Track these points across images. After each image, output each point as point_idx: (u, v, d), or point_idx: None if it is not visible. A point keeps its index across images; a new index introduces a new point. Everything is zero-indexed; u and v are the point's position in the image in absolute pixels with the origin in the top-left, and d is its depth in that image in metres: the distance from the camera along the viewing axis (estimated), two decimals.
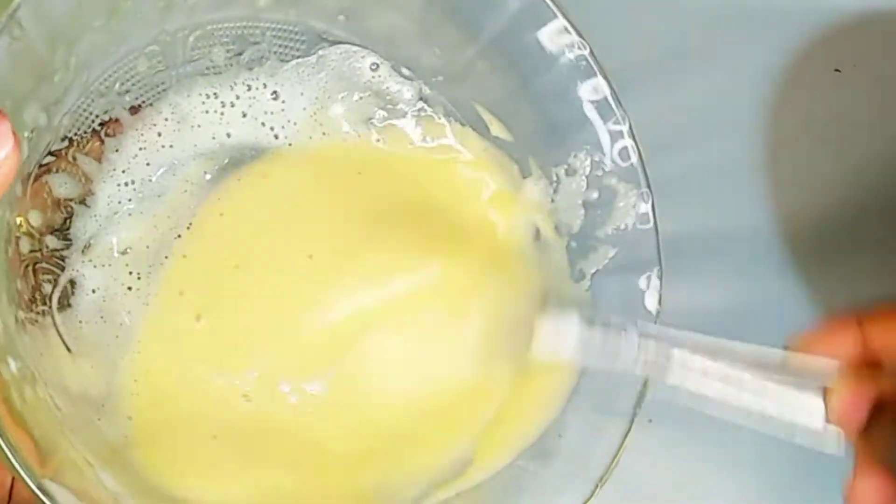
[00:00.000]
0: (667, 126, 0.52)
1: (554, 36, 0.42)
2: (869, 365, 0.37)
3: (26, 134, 0.36)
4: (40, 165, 0.38)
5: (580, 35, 0.42)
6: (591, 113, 0.43)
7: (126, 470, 0.37)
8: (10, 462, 0.30)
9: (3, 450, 0.30)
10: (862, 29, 0.59)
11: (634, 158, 0.43)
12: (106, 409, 0.39)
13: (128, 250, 0.42)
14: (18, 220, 0.37)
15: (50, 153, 0.39)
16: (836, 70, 0.59)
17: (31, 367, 0.35)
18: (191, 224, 0.42)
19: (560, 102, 0.43)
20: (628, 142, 0.43)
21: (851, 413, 0.37)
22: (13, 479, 0.36)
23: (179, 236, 0.43)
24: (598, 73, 0.42)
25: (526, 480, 0.42)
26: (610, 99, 0.42)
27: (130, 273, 0.42)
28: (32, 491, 0.31)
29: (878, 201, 0.56)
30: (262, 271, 0.43)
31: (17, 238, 0.37)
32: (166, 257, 0.42)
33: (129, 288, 0.41)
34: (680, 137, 0.54)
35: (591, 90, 0.43)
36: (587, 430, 0.41)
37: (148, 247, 0.42)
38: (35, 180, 0.38)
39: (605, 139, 0.43)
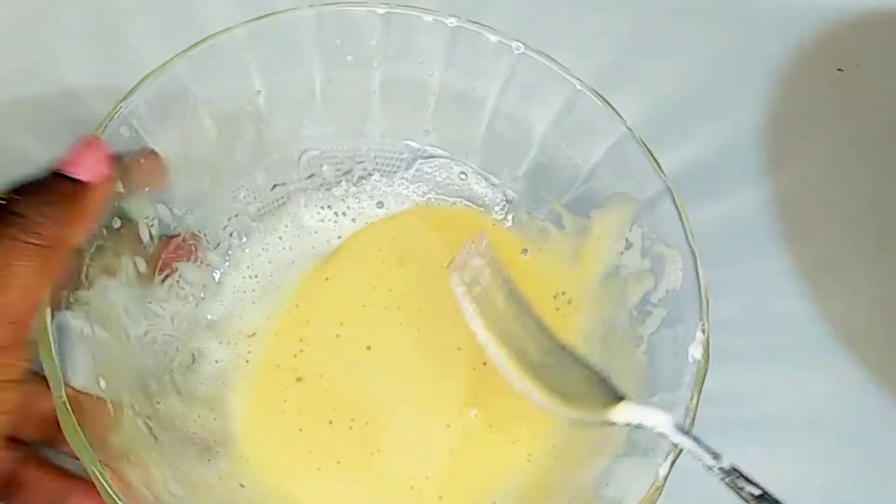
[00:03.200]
0: (668, 123, 0.54)
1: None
2: None
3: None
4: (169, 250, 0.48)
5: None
6: (637, 187, 0.47)
7: (200, 482, 0.44)
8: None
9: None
10: (864, 29, 0.59)
11: (674, 220, 0.46)
12: (218, 453, 0.46)
13: (255, 334, 0.50)
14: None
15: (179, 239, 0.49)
16: (839, 69, 0.58)
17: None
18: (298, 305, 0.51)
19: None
20: (670, 207, 0.46)
21: None
22: None
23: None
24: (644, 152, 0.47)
25: None
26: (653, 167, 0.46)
27: (250, 351, 0.50)
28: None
29: (880, 200, 0.54)
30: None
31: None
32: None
33: (247, 362, 0.49)
34: (681, 135, 0.57)
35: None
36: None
37: (277, 334, 0.50)
38: (165, 265, 0.48)
39: (654, 209, 0.47)
